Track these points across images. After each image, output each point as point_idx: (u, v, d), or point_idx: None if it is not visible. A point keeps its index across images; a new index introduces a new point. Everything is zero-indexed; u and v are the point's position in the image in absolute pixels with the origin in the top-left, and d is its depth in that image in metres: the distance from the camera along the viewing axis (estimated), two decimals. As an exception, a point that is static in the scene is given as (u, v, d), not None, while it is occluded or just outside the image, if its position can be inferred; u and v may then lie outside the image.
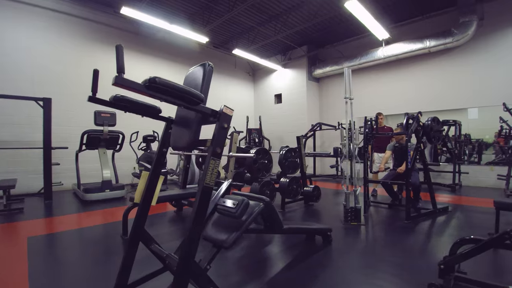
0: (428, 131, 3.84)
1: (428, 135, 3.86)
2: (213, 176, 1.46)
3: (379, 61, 7.89)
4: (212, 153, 1.46)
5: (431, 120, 3.89)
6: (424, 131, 3.85)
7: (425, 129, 3.85)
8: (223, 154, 1.64)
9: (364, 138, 4.23)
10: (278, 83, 10.23)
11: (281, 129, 9.84)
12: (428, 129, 3.84)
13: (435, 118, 3.93)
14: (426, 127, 3.85)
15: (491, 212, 4.24)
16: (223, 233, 1.94)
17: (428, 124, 3.86)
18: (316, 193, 4.50)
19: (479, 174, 6.63)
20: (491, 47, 6.45)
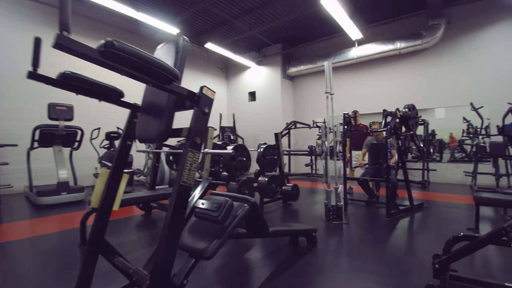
0: (406, 120, 3.84)
1: (406, 124, 3.86)
2: (192, 172, 1.18)
3: (352, 61, 7.99)
4: (190, 144, 1.18)
5: (408, 108, 3.89)
6: (403, 120, 3.84)
7: (404, 118, 3.84)
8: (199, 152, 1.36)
9: (343, 135, 4.14)
10: (252, 81, 10.01)
11: (256, 127, 9.64)
12: (407, 117, 3.84)
13: (410, 105, 3.94)
14: (405, 116, 3.84)
15: (463, 207, 4.39)
16: (202, 240, 1.65)
17: (406, 112, 3.85)
18: (295, 192, 4.33)
19: (446, 171, 6.95)
20: (458, 49, 6.79)
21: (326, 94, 3.63)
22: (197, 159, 1.20)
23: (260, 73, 9.78)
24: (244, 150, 3.40)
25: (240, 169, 3.39)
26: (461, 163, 6.94)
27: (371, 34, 7.72)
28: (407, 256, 2.44)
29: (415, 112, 4.05)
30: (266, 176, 3.80)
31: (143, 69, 1.08)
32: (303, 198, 5.01)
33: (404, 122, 3.86)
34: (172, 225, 1.16)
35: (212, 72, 10.21)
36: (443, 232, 3.03)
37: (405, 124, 3.86)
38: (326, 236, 2.97)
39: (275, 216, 3.83)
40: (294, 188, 4.30)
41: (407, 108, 3.88)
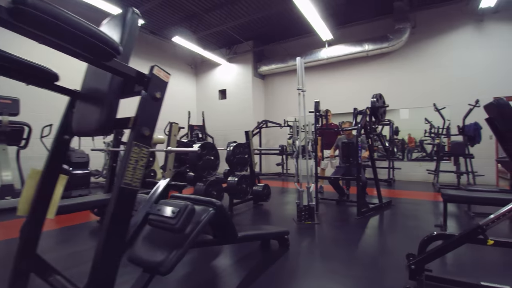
0: (374, 109, 3.85)
1: (375, 114, 3.87)
2: (137, 172, 0.94)
3: (322, 61, 8.06)
4: (135, 137, 0.94)
5: (377, 98, 3.91)
6: (372, 111, 3.85)
7: (373, 108, 3.85)
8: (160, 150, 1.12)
9: (315, 133, 4.07)
10: (222, 78, 9.74)
11: (226, 126, 9.38)
12: (375, 108, 3.85)
13: (378, 95, 3.97)
14: (373, 106, 3.85)
15: (428, 204, 4.52)
16: (158, 252, 1.41)
17: (374, 102, 3.87)
18: (266, 192, 4.17)
19: (409, 170, 7.23)
20: (422, 52, 7.11)
21: (298, 90, 3.52)
22: (145, 156, 0.97)
23: (231, 71, 9.55)
24: (212, 149, 3.17)
25: (207, 168, 3.16)
26: (423, 162, 7.27)
27: (340, 36, 7.84)
28: (381, 256, 2.37)
29: (382, 101, 4.08)
30: (236, 176, 3.59)
31: (70, 38, 0.82)
32: (275, 198, 4.87)
33: (373, 112, 3.87)
34: (111, 238, 0.91)
35: (180, 68, 9.78)
36: (412, 229, 3.04)
37: (374, 114, 3.87)
38: (299, 238, 2.83)
39: (245, 218, 3.64)
40: (265, 188, 4.14)
41: (375, 98, 3.89)
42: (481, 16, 6.38)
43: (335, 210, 4.01)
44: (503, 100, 1.59)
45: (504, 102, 1.58)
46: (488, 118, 1.76)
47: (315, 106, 4.28)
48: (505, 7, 6.14)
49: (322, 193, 5.26)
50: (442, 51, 6.90)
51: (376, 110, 3.88)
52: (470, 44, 6.62)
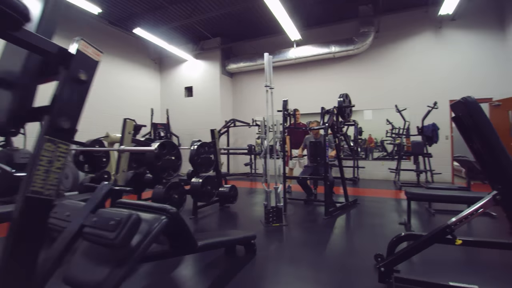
0: (341, 109, 3.86)
1: (342, 113, 3.88)
2: (52, 176, 0.71)
3: (290, 61, 8.06)
4: (48, 130, 0.70)
5: (343, 97, 3.92)
6: (339, 111, 3.84)
7: (339, 108, 3.85)
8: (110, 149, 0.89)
9: (283, 132, 3.97)
10: (189, 75, 9.35)
11: (192, 124, 9.00)
12: (341, 107, 3.86)
13: (344, 94, 3.99)
14: (340, 105, 3.85)
15: (391, 201, 4.65)
16: (98, 271, 1.17)
17: (341, 102, 3.87)
18: (233, 193, 3.99)
19: (373, 168, 7.49)
20: (385, 56, 7.40)
21: (266, 87, 3.38)
22: (63, 155, 0.73)
23: (198, 67, 9.19)
24: (172, 148, 2.90)
25: (167, 169, 2.89)
26: (385, 161, 7.58)
27: (308, 37, 7.89)
28: (350, 257, 2.31)
29: (348, 100, 4.10)
30: (200, 177, 3.36)
31: None
32: (242, 199, 4.71)
33: (340, 112, 3.87)
34: (14, 263, 0.68)
35: (143, 62, 9.20)
36: (378, 228, 3.06)
37: (341, 114, 3.87)
38: (267, 241, 2.69)
39: (211, 221, 3.42)
40: (232, 189, 3.95)
41: (341, 98, 3.89)
42: (440, 23, 6.80)
43: (303, 210, 3.95)
44: (471, 98, 1.57)
45: (472, 100, 1.57)
46: (455, 117, 1.75)
47: (283, 105, 4.20)
48: (461, 15, 6.60)
49: (290, 193, 5.21)
50: (403, 55, 7.24)
51: (342, 110, 3.89)
52: (429, 49, 7.01)
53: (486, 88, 6.50)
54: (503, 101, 6.10)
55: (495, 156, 1.53)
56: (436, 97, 6.19)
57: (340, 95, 4.01)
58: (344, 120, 4.06)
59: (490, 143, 1.53)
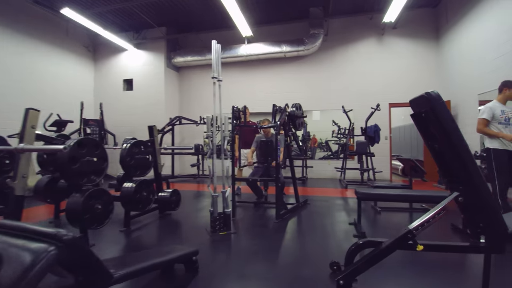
0: (293, 118, 3.70)
1: (294, 122, 3.72)
2: None
3: (241, 58, 7.78)
4: None
5: (295, 107, 3.76)
6: (290, 119, 3.67)
7: (291, 117, 3.68)
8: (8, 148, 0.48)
9: (232, 130, 3.65)
10: (128, 66, 8.40)
11: (132, 122, 8.10)
12: (294, 116, 3.69)
13: (297, 104, 3.84)
14: (292, 114, 3.68)
15: (339, 200, 4.68)
16: None
17: (293, 111, 3.71)
18: (175, 198, 3.52)
19: (320, 168, 7.62)
20: (333, 59, 7.61)
21: (213, 79, 3.01)
22: None
23: (139, 58, 8.32)
24: (94, 146, 2.34)
25: (88, 174, 2.32)
26: (331, 160, 7.80)
27: (260, 34, 7.72)
28: (304, 267, 2.08)
29: (301, 112, 3.98)
30: (133, 181, 2.84)
31: None
32: (186, 204, 4.25)
33: (292, 120, 3.72)
34: None
35: (73, 49, 7.97)
36: (330, 229, 2.93)
37: (292, 122, 3.72)
38: (212, 254, 2.33)
39: (147, 234, 2.91)
40: (173, 194, 3.48)
41: (294, 107, 3.74)
42: (382, 30, 7.21)
43: (253, 214, 3.67)
44: (435, 93, 1.44)
45: (436, 94, 1.44)
46: (414, 114, 1.62)
47: (233, 112, 3.86)
48: (402, 24, 7.08)
49: (239, 195, 4.91)
50: (349, 59, 7.53)
51: (294, 119, 3.73)
52: (372, 54, 7.40)
53: (420, 93, 7.03)
54: (433, 105, 6.70)
55: (458, 155, 1.42)
56: (377, 100, 6.53)
57: (293, 104, 3.86)
58: (295, 129, 3.92)
59: (453, 141, 1.42)
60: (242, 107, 4.30)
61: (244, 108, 4.05)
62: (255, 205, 4.12)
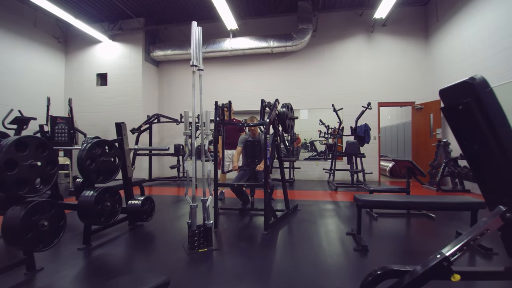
0: (283, 119, 3.31)
1: (284, 124, 3.34)
2: None
3: (226, 53, 7.35)
4: None
5: (285, 107, 3.38)
6: (280, 119, 3.29)
7: (281, 117, 3.30)
8: None
9: (215, 128, 3.22)
10: (103, 60, 7.76)
11: (106, 119, 7.46)
12: (284, 117, 3.31)
13: (288, 104, 3.47)
14: (282, 115, 3.31)
15: (331, 205, 4.33)
16: None
17: (283, 112, 3.33)
18: (148, 207, 3.05)
19: (307, 169, 7.30)
20: (321, 56, 7.32)
21: (193, 67, 2.59)
22: None
23: (114, 51, 7.69)
24: (41, 148, 1.85)
25: (30, 182, 1.83)
26: (318, 161, 7.51)
27: (246, 28, 7.33)
28: (301, 298, 1.70)
29: (292, 113, 3.60)
30: (95, 189, 2.35)
31: None
32: (163, 212, 3.78)
33: (282, 121, 3.33)
34: None
35: (42, 40, 7.24)
36: (326, 244, 2.56)
37: (282, 123, 3.33)
38: (188, 281, 1.90)
39: (110, 252, 2.43)
40: (146, 202, 3.01)
41: (285, 107, 3.35)
42: (372, 27, 6.99)
43: (238, 224, 3.26)
44: (481, 78, 1.09)
45: (482, 80, 1.08)
46: (447, 107, 1.27)
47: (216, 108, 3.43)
48: (392, 22, 6.90)
49: (222, 200, 4.49)
50: (338, 56, 7.27)
51: (284, 119, 3.34)
52: (361, 52, 7.18)
53: (409, 92, 6.93)
54: (425, 104, 6.56)
55: (508, 158, 1.08)
56: (366, 99, 6.32)
57: (283, 104, 3.45)
58: (285, 132, 3.52)
59: (503, 141, 1.07)
60: (226, 102, 3.88)
61: (228, 104, 3.63)
62: (240, 212, 3.71)
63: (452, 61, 5.82)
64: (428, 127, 6.48)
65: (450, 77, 5.94)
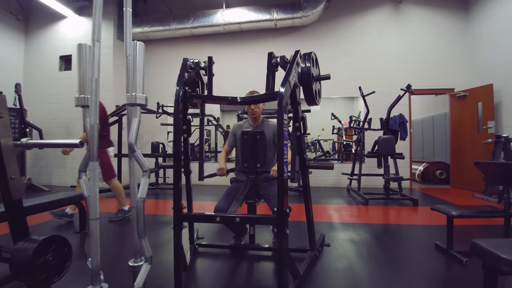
0: (308, 80, 1.82)
1: (309, 89, 1.84)
2: None
3: (218, 28, 5.91)
4: None
5: (308, 60, 1.87)
6: (303, 83, 1.81)
7: (304, 78, 1.80)
8: None
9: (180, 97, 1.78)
10: (67, 39, 6.30)
11: (69, 112, 6.01)
12: (309, 76, 1.82)
13: (312, 54, 1.95)
14: (305, 74, 1.80)
15: (371, 229, 2.94)
16: None
17: (307, 68, 1.82)
18: (53, 259, 1.59)
19: (319, 172, 5.86)
20: (336, 32, 5.97)
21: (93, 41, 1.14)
22: None
23: (81, 28, 6.24)
24: None
25: None
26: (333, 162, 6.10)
27: (242, -3, 5.91)
28: None
29: (318, 69, 2.18)
30: None
31: None
32: (109, 249, 2.33)
33: (306, 85, 1.84)
34: None
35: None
36: None
37: (306, 89, 1.84)
38: None
39: None
40: (47, 247, 1.56)
41: (308, 61, 1.87)
42: (400, -4, 5.60)
43: (229, 278, 1.81)
44: None
45: None
46: None
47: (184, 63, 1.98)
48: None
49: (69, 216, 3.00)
50: (356, 33, 5.90)
51: (310, 82, 1.84)
52: (386, 27, 5.83)
53: (446, 77, 5.54)
54: (470, 91, 5.15)
55: None
56: (390, 85, 4.98)
57: (303, 55, 1.95)
58: (311, 103, 2.00)
59: None
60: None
61: (210, 60, 2.15)
62: (232, 251, 2.27)
63: (500, 38, 4.50)
64: (475, 120, 5.08)
65: (498, 57, 4.61)
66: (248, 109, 2.30)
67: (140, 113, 1.37)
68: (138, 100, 1.32)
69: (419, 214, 3.56)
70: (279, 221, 1.35)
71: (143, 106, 1.37)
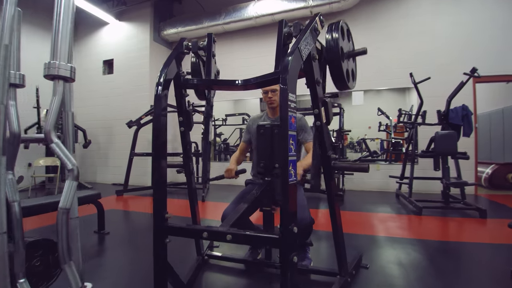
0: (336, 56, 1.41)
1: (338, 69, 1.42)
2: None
3: (249, 22, 5.64)
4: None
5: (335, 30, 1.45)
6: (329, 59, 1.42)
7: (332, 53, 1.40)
8: None
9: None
10: (109, 44, 6.61)
11: (112, 113, 6.28)
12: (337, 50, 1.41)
13: (341, 24, 1.51)
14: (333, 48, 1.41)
15: (425, 246, 2.31)
16: None
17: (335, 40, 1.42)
18: (38, 266, 1.44)
19: (362, 175, 5.21)
20: (381, 15, 5.28)
21: None
22: None
23: (120, 32, 6.48)
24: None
25: None
26: (379, 164, 5.40)
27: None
28: None
29: (352, 42, 1.73)
30: None
31: None
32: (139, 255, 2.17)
33: (335, 63, 1.42)
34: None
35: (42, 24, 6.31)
36: None
37: (335, 68, 1.43)
38: None
39: None
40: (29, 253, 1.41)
41: (335, 31, 1.46)
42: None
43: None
44: None
45: None
46: None
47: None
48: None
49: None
50: (406, 14, 5.14)
51: (339, 59, 1.40)
52: (440, 5, 4.95)
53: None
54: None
55: None
56: (446, 72, 4.16)
57: (329, 25, 1.51)
58: (341, 86, 1.55)
59: None
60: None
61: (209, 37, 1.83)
62: (247, 267, 1.93)
63: None
64: None
65: None
66: (265, 98, 1.94)
67: (64, 90, 1.07)
68: (60, 71, 1.02)
69: (488, 228, 2.83)
70: (283, 245, 0.98)
71: (68, 80, 1.07)
